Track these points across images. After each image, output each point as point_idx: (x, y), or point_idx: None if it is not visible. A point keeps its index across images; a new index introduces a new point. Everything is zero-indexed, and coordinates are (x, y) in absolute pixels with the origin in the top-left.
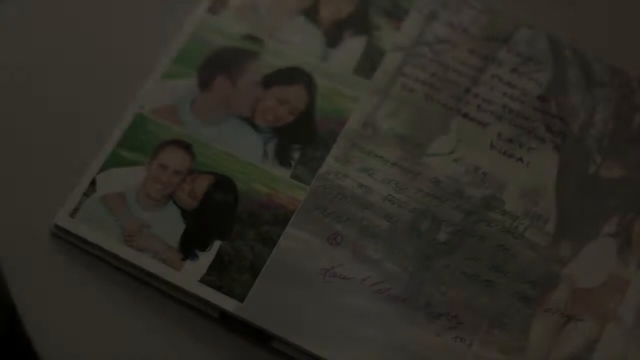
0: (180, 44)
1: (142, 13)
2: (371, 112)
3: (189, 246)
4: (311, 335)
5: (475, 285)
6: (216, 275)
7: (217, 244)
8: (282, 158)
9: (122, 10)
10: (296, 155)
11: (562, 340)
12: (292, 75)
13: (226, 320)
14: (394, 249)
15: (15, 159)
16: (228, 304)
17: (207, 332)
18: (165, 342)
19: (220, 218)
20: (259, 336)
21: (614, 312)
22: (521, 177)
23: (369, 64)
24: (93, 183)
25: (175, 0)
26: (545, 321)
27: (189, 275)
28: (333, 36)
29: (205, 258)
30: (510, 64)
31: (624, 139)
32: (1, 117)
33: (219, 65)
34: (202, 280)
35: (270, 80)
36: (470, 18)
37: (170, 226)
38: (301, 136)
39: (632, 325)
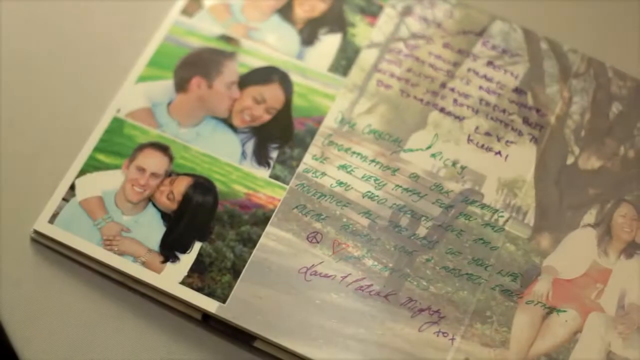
0: (155, 46)
1: (117, 17)
2: (348, 109)
3: (170, 248)
4: (293, 334)
5: (456, 279)
6: (197, 277)
7: (197, 246)
8: (261, 158)
9: (96, 14)
10: (274, 154)
11: (545, 332)
12: (268, 75)
13: (208, 321)
14: (374, 245)
15: None
16: (210, 305)
17: (190, 333)
18: (148, 345)
19: (200, 219)
20: (241, 336)
21: (595, 302)
22: (499, 170)
23: (344, 61)
24: (72, 188)
25: (150, 3)
26: (527, 313)
27: (170, 278)
28: (308, 34)
29: (186, 260)
30: (486, 57)
31: (601, 129)
32: None
33: (194, 66)
34: (184, 282)
35: (246, 80)
36: (444, 12)
37: (150, 229)
38: (279, 135)
39: (614, 315)
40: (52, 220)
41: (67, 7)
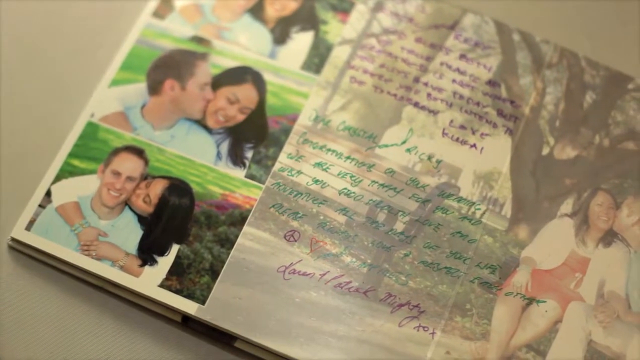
0: (127, 50)
1: (88, 21)
2: (322, 107)
3: (147, 252)
4: (274, 334)
5: (435, 273)
6: (176, 279)
7: (175, 248)
8: (236, 158)
9: (67, 19)
10: (249, 154)
11: (525, 323)
12: (241, 75)
13: (188, 323)
14: (352, 242)
15: None
16: (189, 307)
17: (170, 336)
18: (128, 349)
19: (176, 222)
20: (222, 337)
21: (575, 292)
22: (475, 162)
23: (317, 59)
24: (48, 194)
25: (121, 7)
26: (507, 305)
27: (149, 281)
28: (280, 33)
29: (164, 263)
30: (458, 51)
31: (576, 119)
32: None
33: (167, 69)
34: (162, 285)
35: (220, 81)
36: (416, 7)
37: (127, 233)
38: (253, 135)
39: (594, 304)
40: (29, 227)
41: (37, 13)
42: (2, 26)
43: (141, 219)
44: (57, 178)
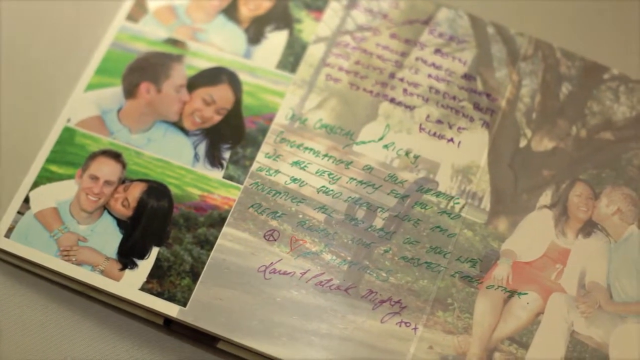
0: (102, 54)
1: (62, 26)
2: (298, 106)
3: (127, 255)
4: (256, 334)
5: (415, 268)
6: (157, 282)
7: (155, 251)
8: (213, 159)
9: (41, 24)
10: (227, 155)
11: (507, 315)
12: (216, 76)
13: (171, 325)
14: (332, 240)
15: None
16: (171, 309)
17: (153, 338)
18: (111, 353)
19: (156, 224)
20: (204, 339)
21: (556, 283)
22: (453, 157)
23: (292, 57)
24: (26, 201)
25: (94, 11)
26: (488, 298)
27: (130, 285)
28: (254, 33)
29: (144, 266)
30: (433, 46)
31: (552, 110)
32: None
33: (142, 72)
34: (143, 288)
35: (195, 83)
36: (390, 3)
37: (106, 237)
38: (230, 136)
39: (575, 294)
40: (8, 234)
41: (10, 18)
42: None
43: (120, 223)
44: (35, 184)
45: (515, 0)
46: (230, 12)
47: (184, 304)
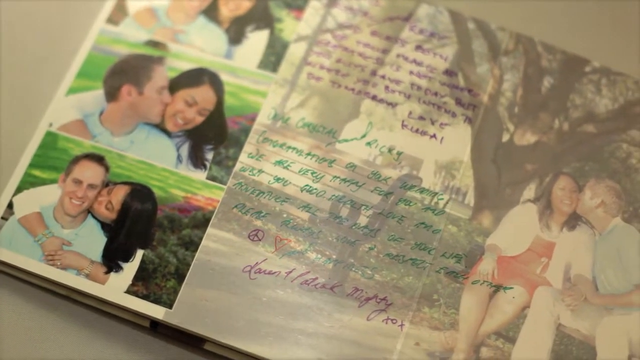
0: (83, 57)
1: (42, 30)
2: (280, 105)
3: (112, 258)
4: (243, 334)
5: (400, 265)
6: (142, 285)
7: (140, 253)
8: (196, 160)
9: (20, 29)
10: (210, 155)
11: (493, 310)
12: (198, 77)
13: (157, 328)
14: (316, 238)
15: None
16: (157, 312)
17: (139, 341)
18: (99, 357)
19: (140, 227)
20: (191, 340)
21: (541, 277)
22: (436, 153)
23: (273, 57)
24: (10, 206)
25: (74, 14)
26: (474, 293)
27: (115, 288)
28: (235, 33)
29: (130, 268)
30: (414, 42)
31: (535, 104)
32: None
33: (123, 74)
34: (129, 291)
35: (177, 84)
36: (370, 0)
37: (91, 240)
38: (213, 136)
39: (561, 288)
40: None
41: None
42: None
43: (104, 226)
44: (19, 189)
45: None
46: (211, 12)
47: (169, 306)
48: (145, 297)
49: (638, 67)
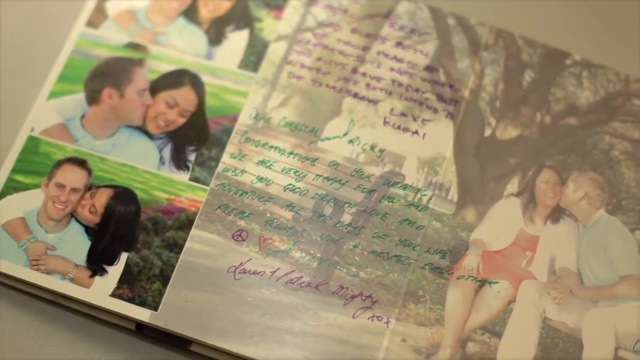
0: (63, 61)
1: (21, 35)
2: (261, 105)
3: (97, 262)
4: (228, 335)
5: (385, 262)
6: (127, 287)
7: (124, 256)
8: (179, 162)
9: (0, 34)
10: (192, 157)
11: (479, 305)
12: (179, 78)
13: (143, 330)
14: (300, 237)
15: None
16: (142, 314)
17: (125, 344)
18: None
19: (124, 230)
20: (177, 342)
21: (526, 270)
22: (418, 149)
23: (253, 56)
24: None
25: (53, 18)
26: (459, 288)
27: (100, 291)
28: (215, 33)
29: (114, 271)
30: (394, 39)
31: (516, 98)
32: None
33: (104, 77)
34: (114, 294)
35: (158, 86)
36: None
37: (75, 244)
38: (195, 137)
39: (546, 281)
40: None
41: None
42: None
43: (88, 230)
44: (2, 195)
45: None
46: (190, 13)
47: (155, 308)
48: (130, 300)
49: (619, 59)
